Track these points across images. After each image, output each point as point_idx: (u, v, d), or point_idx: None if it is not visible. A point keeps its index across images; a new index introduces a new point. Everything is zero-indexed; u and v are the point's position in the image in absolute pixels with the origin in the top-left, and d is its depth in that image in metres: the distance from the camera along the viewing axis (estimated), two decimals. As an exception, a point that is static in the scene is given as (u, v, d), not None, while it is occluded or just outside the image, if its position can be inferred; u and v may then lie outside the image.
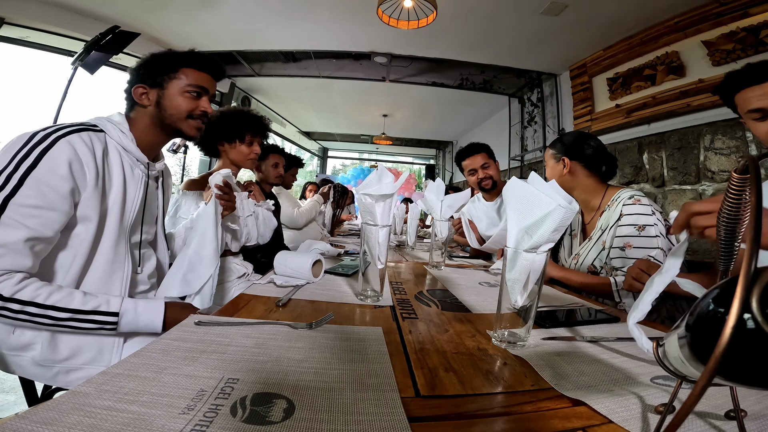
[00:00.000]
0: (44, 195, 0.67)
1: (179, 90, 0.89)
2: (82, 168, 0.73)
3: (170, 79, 0.88)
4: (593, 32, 2.93)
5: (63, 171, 0.69)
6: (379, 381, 0.45)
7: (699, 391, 0.21)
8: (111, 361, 0.77)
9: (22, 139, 0.69)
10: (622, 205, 1.10)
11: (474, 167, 1.91)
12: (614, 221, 1.10)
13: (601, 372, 0.52)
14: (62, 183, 0.69)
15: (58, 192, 0.69)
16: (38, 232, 0.67)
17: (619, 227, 1.09)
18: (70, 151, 0.70)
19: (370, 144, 7.50)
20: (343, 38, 3.39)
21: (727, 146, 2.24)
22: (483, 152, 1.92)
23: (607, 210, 1.16)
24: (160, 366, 0.45)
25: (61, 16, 2.82)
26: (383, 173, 0.86)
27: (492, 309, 0.83)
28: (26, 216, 0.65)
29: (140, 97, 0.88)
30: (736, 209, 0.33)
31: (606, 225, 1.14)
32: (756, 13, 2.08)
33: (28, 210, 0.65)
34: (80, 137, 0.74)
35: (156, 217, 1.01)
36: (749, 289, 0.21)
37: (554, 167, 1.26)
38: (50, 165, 0.68)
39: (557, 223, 0.56)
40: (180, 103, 0.88)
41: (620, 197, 1.13)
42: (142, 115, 0.89)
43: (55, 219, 0.69)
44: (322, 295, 0.87)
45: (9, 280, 0.64)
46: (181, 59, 0.90)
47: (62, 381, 0.76)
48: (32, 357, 0.74)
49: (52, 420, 0.33)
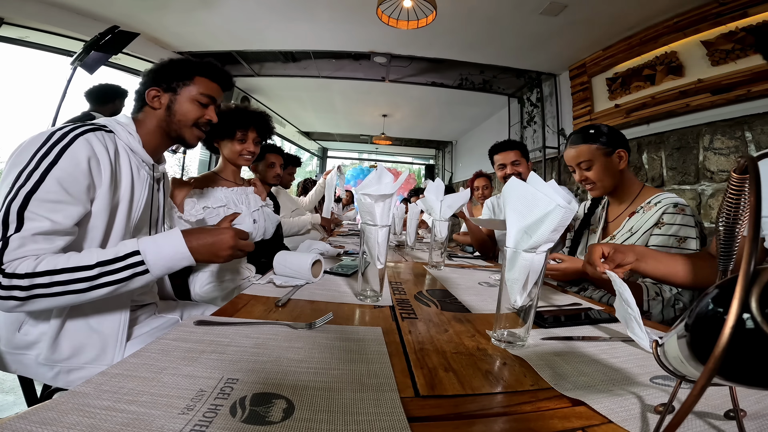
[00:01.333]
0: (65, 189, 0.68)
1: (190, 97, 0.90)
2: (99, 165, 0.74)
3: (184, 85, 0.90)
4: (593, 32, 2.94)
5: (83, 167, 0.71)
6: (378, 381, 0.45)
7: (698, 390, 0.21)
8: (114, 359, 0.77)
9: (40, 138, 0.70)
10: (662, 212, 1.04)
11: (504, 162, 1.89)
12: (650, 227, 1.05)
13: (600, 372, 0.52)
14: (83, 178, 0.71)
15: (79, 187, 0.71)
16: (60, 225, 0.68)
17: (657, 236, 1.03)
18: (88, 148, 0.72)
19: (369, 144, 7.51)
20: (343, 38, 3.39)
21: (726, 146, 2.24)
22: (517, 149, 1.91)
23: (640, 212, 1.10)
24: (160, 366, 0.45)
25: (61, 16, 2.82)
26: (383, 173, 0.86)
27: (491, 309, 0.83)
28: (49, 210, 0.66)
29: (152, 99, 0.89)
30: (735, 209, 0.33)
31: (637, 229, 1.08)
32: (755, 13, 2.08)
33: (50, 205, 0.67)
34: (96, 136, 0.75)
35: (158, 218, 1.02)
36: (748, 289, 0.21)
37: (607, 163, 1.13)
38: (72, 161, 0.69)
39: (556, 223, 0.56)
40: (189, 110, 0.90)
41: (661, 202, 1.06)
42: (150, 118, 0.90)
43: (76, 212, 0.71)
44: (322, 295, 0.87)
45: (26, 261, 0.63)
46: (196, 67, 0.92)
47: (62, 381, 0.76)
48: (36, 356, 0.74)
49: (52, 420, 0.33)
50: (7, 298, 0.62)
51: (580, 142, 1.15)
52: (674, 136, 2.58)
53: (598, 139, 1.13)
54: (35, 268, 0.63)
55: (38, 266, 0.63)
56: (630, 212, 1.14)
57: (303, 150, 8.20)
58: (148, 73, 0.91)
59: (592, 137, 1.13)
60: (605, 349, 0.62)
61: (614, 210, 1.22)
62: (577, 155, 1.16)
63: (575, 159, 1.17)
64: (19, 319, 0.75)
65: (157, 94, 0.88)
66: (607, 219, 1.24)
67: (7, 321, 0.75)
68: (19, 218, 0.64)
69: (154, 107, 0.89)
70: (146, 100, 0.88)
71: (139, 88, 0.91)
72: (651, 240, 1.04)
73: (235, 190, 1.38)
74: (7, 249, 0.62)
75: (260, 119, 1.44)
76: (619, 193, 1.18)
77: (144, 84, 0.90)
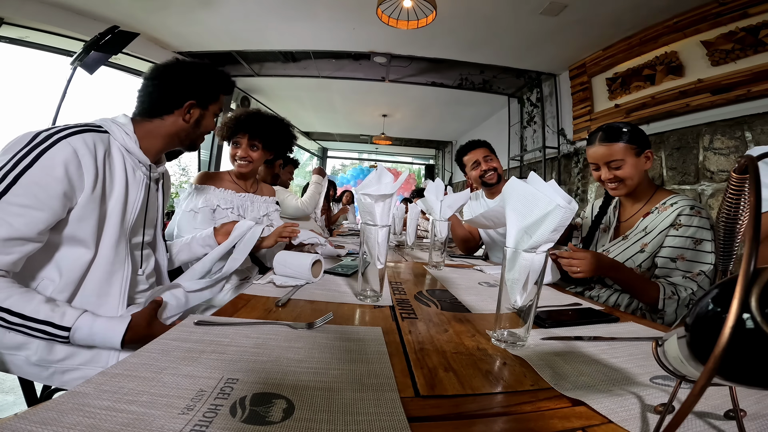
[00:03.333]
0: (34, 195, 0.67)
1: (214, 113, 0.93)
2: (80, 170, 0.72)
3: (211, 102, 0.92)
4: (592, 32, 2.94)
5: (58, 172, 0.69)
6: (378, 381, 0.45)
7: (698, 390, 0.21)
8: (108, 362, 0.77)
9: (24, 138, 0.69)
10: (678, 215, 1.04)
11: (477, 159, 1.85)
12: (665, 228, 1.05)
13: (600, 372, 0.52)
14: (55, 184, 0.69)
15: (49, 192, 0.68)
16: (21, 232, 0.66)
17: (673, 237, 1.04)
18: (68, 152, 0.70)
19: (369, 144, 7.50)
20: (343, 38, 3.39)
21: (726, 146, 2.25)
22: (484, 147, 1.89)
23: (655, 212, 1.10)
24: (160, 366, 0.45)
25: (61, 15, 2.82)
26: (383, 173, 0.86)
27: (491, 309, 0.83)
28: (12, 214, 0.65)
29: (187, 110, 0.88)
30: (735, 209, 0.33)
31: (652, 228, 1.08)
32: (755, 13, 2.08)
33: (14, 208, 0.65)
34: (82, 138, 0.73)
35: (156, 219, 1.01)
36: (748, 288, 0.21)
37: (637, 163, 1.11)
38: (46, 165, 0.68)
39: (556, 223, 0.56)
40: (210, 124, 0.93)
41: (677, 204, 1.06)
42: (170, 125, 0.89)
43: (41, 219, 0.68)
44: (322, 295, 0.87)
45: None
46: (223, 86, 0.94)
47: (58, 381, 0.76)
48: (27, 356, 0.74)
49: (52, 420, 0.33)
50: None
51: (613, 140, 1.10)
52: (674, 136, 2.58)
53: (631, 138, 1.10)
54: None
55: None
56: (644, 213, 1.14)
57: (303, 150, 8.20)
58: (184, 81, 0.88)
59: (626, 136, 1.10)
60: (605, 349, 0.62)
61: (627, 211, 1.22)
62: (610, 153, 1.11)
63: (606, 157, 1.12)
64: None
65: (195, 107, 0.89)
66: (619, 219, 1.24)
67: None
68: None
69: (185, 119, 0.89)
70: (179, 110, 0.88)
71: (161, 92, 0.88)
72: (667, 240, 1.05)
73: (243, 196, 1.39)
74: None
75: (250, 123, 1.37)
76: (634, 193, 1.17)
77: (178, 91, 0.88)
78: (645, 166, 1.13)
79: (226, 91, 0.96)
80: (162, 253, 1.04)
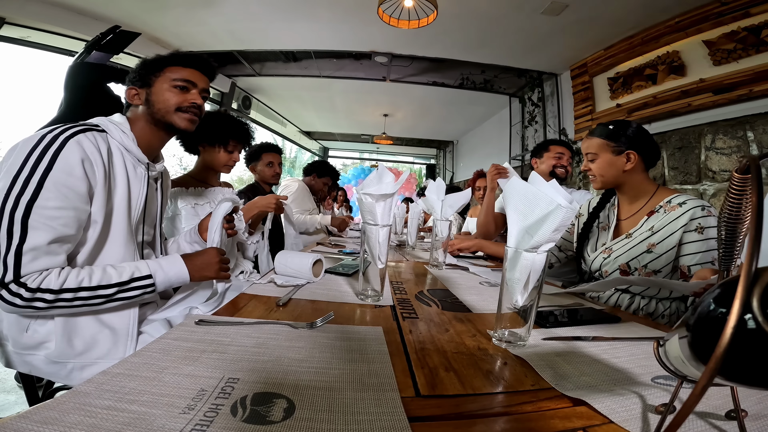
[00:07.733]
0: (64, 195, 0.70)
1: (166, 86, 0.92)
2: (93, 167, 0.75)
3: (156, 78, 0.92)
4: (594, 32, 2.93)
5: (78, 171, 0.72)
6: (379, 381, 0.45)
7: (700, 391, 0.21)
8: (126, 352, 0.78)
9: (30, 141, 0.70)
10: (691, 217, 1.03)
11: (563, 152, 2.00)
12: (677, 229, 1.04)
13: (601, 372, 0.52)
14: (79, 183, 0.72)
15: (77, 191, 0.72)
16: (63, 232, 0.70)
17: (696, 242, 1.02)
18: (80, 151, 0.72)
19: (370, 144, 7.50)
20: (344, 38, 3.39)
21: (728, 146, 2.24)
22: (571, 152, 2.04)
23: (661, 211, 1.09)
24: (161, 366, 0.45)
25: (62, 15, 2.82)
26: (384, 173, 0.86)
27: (492, 309, 0.83)
28: (51, 218, 0.68)
29: (132, 98, 0.92)
30: (737, 209, 0.33)
31: (660, 228, 1.07)
32: (757, 12, 2.07)
33: (51, 212, 0.68)
34: (86, 137, 0.75)
35: (155, 218, 1.02)
36: (750, 289, 0.21)
37: (612, 160, 1.15)
38: (65, 166, 0.70)
39: (558, 223, 0.56)
40: (168, 97, 0.91)
41: (686, 205, 1.04)
42: (138, 115, 0.92)
43: (76, 217, 0.72)
44: (323, 294, 0.87)
45: (50, 275, 0.68)
46: (165, 59, 0.94)
47: (77, 378, 0.76)
48: (46, 355, 0.75)
49: (53, 419, 0.33)
50: (26, 308, 0.66)
51: (595, 134, 1.19)
52: (676, 135, 2.57)
53: (611, 136, 1.14)
54: (61, 285, 0.68)
55: (64, 283, 0.69)
56: (648, 212, 1.13)
57: (304, 150, 8.20)
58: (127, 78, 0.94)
59: (607, 133, 1.16)
60: (606, 349, 0.61)
61: (626, 209, 1.22)
62: (587, 146, 1.21)
63: (585, 149, 1.22)
64: (26, 319, 0.75)
65: (135, 92, 0.91)
66: (618, 217, 1.24)
67: (14, 322, 0.76)
68: (23, 227, 0.65)
69: (135, 104, 0.92)
70: (128, 100, 0.92)
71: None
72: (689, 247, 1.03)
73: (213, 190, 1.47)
74: (23, 263, 0.65)
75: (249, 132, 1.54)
76: (628, 192, 1.18)
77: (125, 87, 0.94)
78: (623, 166, 1.14)
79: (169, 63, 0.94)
80: (161, 253, 1.04)
